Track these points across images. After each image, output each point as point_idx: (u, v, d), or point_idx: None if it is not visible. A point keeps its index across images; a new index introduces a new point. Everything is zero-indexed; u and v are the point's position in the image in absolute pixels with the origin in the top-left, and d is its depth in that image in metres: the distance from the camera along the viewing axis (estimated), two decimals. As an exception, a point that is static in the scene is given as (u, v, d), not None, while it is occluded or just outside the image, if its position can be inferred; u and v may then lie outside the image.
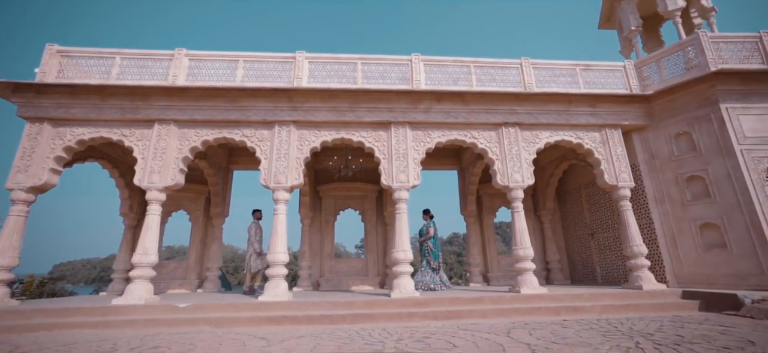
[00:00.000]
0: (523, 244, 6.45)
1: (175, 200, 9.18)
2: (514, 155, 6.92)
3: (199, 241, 9.04)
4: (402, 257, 6.17)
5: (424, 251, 7.66)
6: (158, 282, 8.40)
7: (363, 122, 6.88)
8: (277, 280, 5.95)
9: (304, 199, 9.18)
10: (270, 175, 6.42)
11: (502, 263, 9.53)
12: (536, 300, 5.73)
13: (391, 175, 6.61)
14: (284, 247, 6.16)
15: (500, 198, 10.01)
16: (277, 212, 6.32)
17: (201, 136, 6.57)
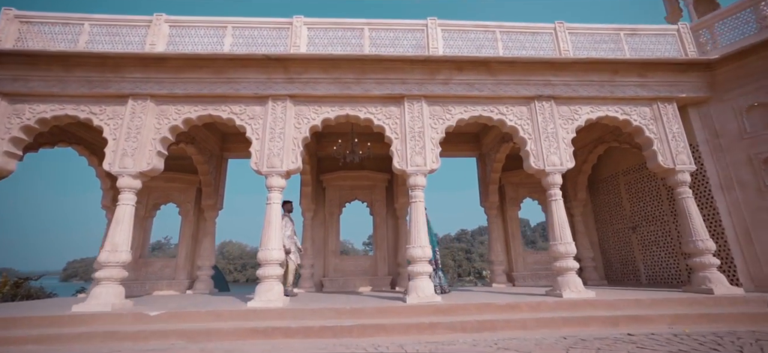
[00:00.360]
0: (564, 238, 5.39)
1: (164, 191, 8.30)
2: (550, 134, 5.84)
3: (189, 236, 8.14)
4: (419, 254, 5.16)
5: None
6: (143, 283, 7.54)
7: (371, 95, 5.86)
8: (269, 282, 4.99)
9: (306, 189, 8.21)
10: (262, 158, 5.45)
11: (528, 261, 8.47)
12: (584, 306, 4.68)
13: (405, 157, 5.59)
14: (279, 242, 5.20)
15: (525, 188, 8.93)
16: (270, 201, 5.36)
17: (182, 113, 5.62)
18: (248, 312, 4.51)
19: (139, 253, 7.91)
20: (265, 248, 5.09)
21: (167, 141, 5.62)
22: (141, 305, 5.22)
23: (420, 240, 5.25)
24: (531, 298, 5.06)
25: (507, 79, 6.01)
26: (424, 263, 5.22)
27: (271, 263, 5.06)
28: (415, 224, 5.35)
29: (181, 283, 7.75)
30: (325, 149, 8.60)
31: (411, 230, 5.36)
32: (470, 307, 4.62)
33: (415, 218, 5.38)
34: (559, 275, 5.34)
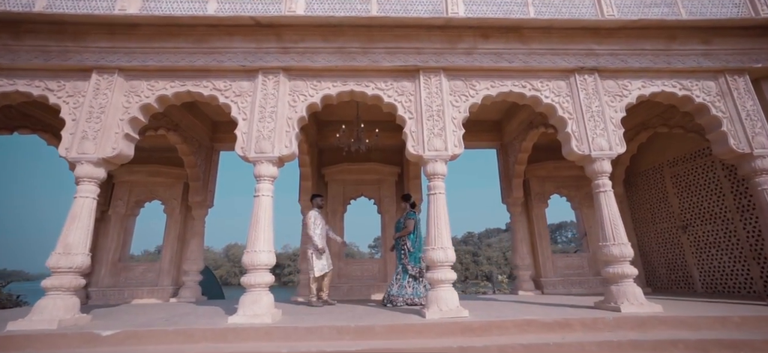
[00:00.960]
0: (618, 238, 4.38)
1: (147, 186, 7.43)
2: (596, 113, 4.85)
3: (175, 237, 7.25)
4: (441, 257, 4.19)
5: (400, 253, 5.60)
6: (122, 290, 6.66)
7: (380, 68, 4.93)
8: (256, 292, 4.05)
9: (306, 184, 7.28)
10: (250, 141, 4.54)
11: (558, 266, 7.42)
12: (655, 325, 3.66)
13: (421, 140, 4.63)
14: (269, 243, 4.27)
15: (552, 182, 7.91)
16: (258, 193, 4.43)
17: (156, 90, 4.73)
18: (227, 331, 3.57)
19: (119, 256, 7.03)
20: (251, 251, 4.16)
21: (138, 123, 4.72)
22: (101, 319, 4.31)
23: (441, 240, 4.28)
24: (582, 313, 4.04)
25: (542, 49, 5.03)
26: (447, 269, 4.24)
27: (258, 269, 4.13)
28: (434, 221, 4.38)
29: (164, 290, 6.85)
30: (328, 138, 7.67)
31: (429, 229, 4.39)
32: (508, 325, 3.63)
33: (434, 214, 4.41)
34: (613, 283, 4.33)
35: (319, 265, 5.49)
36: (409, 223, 5.63)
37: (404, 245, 5.56)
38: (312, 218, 5.65)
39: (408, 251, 5.52)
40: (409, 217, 5.67)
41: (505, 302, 5.57)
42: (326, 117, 7.64)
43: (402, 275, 5.44)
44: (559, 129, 4.99)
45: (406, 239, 5.57)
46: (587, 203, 7.74)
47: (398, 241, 5.66)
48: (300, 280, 7.02)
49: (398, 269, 5.53)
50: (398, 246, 5.66)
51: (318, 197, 5.95)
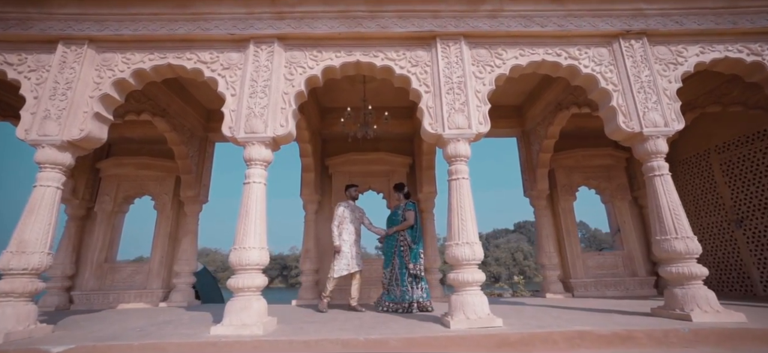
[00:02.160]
0: (681, 231, 3.61)
1: (136, 180, 6.83)
2: (646, 84, 4.09)
3: (166, 235, 6.63)
4: (467, 254, 3.47)
5: (398, 249, 4.85)
6: (107, 294, 6.05)
7: (391, 35, 4.23)
8: (246, 298, 3.38)
9: (308, 176, 6.61)
10: (239, 120, 3.88)
11: (589, 266, 6.63)
12: (745, 339, 2.90)
13: (440, 117, 3.93)
14: (261, 239, 3.60)
15: (581, 173, 7.12)
16: (249, 179, 3.76)
17: (133, 63, 4.09)
18: (206, 345, 2.89)
19: (105, 257, 6.43)
20: (239, 247, 3.49)
21: (112, 102, 4.09)
22: (66, 329, 3.67)
23: (466, 234, 3.56)
24: (644, 323, 3.28)
25: (579, 10, 4.29)
26: (474, 268, 3.52)
27: (248, 269, 3.45)
28: (457, 211, 3.67)
29: (153, 294, 6.23)
30: (331, 126, 7.00)
31: (451, 221, 3.67)
32: (556, 338, 2.89)
33: (458, 203, 3.69)
34: (677, 285, 3.56)
35: (337, 266, 4.82)
36: (408, 215, 4.90)
37: (404, 240, 4.83)
38: (337, 211, 5.05)
39: (409, 246, 4.80)
40: (409, 208, 4.97)
41: (536, 307, 4.82)
42: (330, 103, 6.98)
43: (400, 274, 4.71)
44: (601, 105, 4.24)
45: (405, 233, 4.86)
46: (619, 196, 6.95)
47: (394, 237, 4.91)
48: (303, 282, 6.34)
49: (395, 268, 4.77)
50: (394, 242, 4.89)
51: (351, 188, 5.30)
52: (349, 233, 4.95)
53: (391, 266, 4.79)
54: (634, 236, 6.68)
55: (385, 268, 4.86)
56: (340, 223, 4.97)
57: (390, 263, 4.82)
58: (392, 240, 4.90)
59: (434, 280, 6.40)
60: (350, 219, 5.04)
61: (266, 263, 3.59)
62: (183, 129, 6.33)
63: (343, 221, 4.99)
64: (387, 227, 5.09)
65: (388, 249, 4.91)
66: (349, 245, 4.89)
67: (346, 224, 4.99)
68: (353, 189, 5.30)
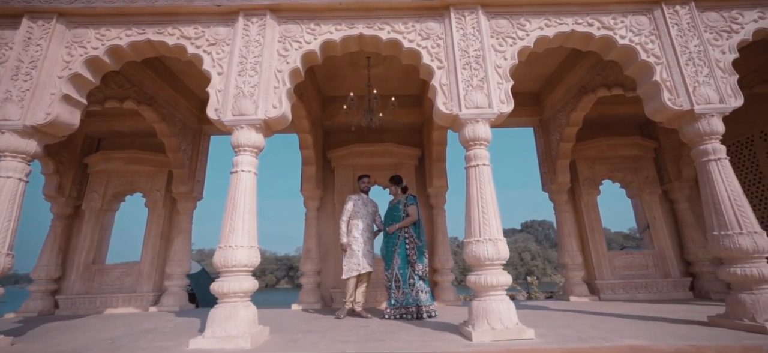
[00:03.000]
0: (746, 223, 3.07)
1: (126, 176, 6.41)
2: (695, 55, 3.54)
3: (157, 234, 6.19)
4: (490, 252, 2.95)
5: (401, 248, 4.27)
6: (94, 298, 5.63)
7: (398, 5, 3.73)
8: (231, 305, 2.89)
9: (308, 170, 6.11)
10: (226, 101, 3.40)
11: (616, 266, 6.05)
12: (842, 355, 2.32)
13: (456, 95, 3.41)
14: (250, 236, 3.11)
15: (605, 164, 6.54)
16: (236, 168, 3.29)
17: (108, 40, 3.63)
18: (179, 364, 2.41)
19: (93, 258, 6.01)
20: (224, 246, 3.01)
21: (85, 84, 3.63)
22: (29, 342, 3.22)
23: (489, 229, 3.04)
24: (709, 335, 2.73)
25: (615, -27, 3.73)
26: (499, 270, 3.00)
27: (234, 271, 2.97)
28: (477, 202, 3.14)
29: (143, 297, 5.79)
30: (334, 116, 6.50)
31: (470, 214, 3.15)
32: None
33: (478, 193, 3.17)
34: (743, 290, 3.00)
35: (347, 266, 4.33)
36: (411, 210, 4.36)
37: (410, 238, 4.29)
38: (346, 205, 4.54)
39: (415, 244, 4.27)
40: (410, 203, 4.43)
41: (564, 312, 4.27)
42: (332, 91, 6.48)
43: (402, 275, 4.16)
44: (641, 81, 3.69)
45: (410, 230, 4.33)
46: (648, 189, 6.35)
47: (395, 234, 4.33)
48: (303, 285, 5.85)
49: (395, 268, 4.21)
50: (395, 240, 4.31)
51: (363, 179, 4.79)
52: (360, 230, 4.41)
53: (392, 267, 4.24)
54: (665, 233, 6.08)
55: (387, 270, 4.29)
56: (349, 218, 4.47)
57: (391, 264, 4.25)
58: (393, 238, 4.33)
59: (446, 282, 5.87)
60: (361, 214, 4.50)
61: (256, 263, 3.10)
62: (174, 120, 5.88)
63: (353, 216, 4.47)
64: (386, 223, 4.51)
65: (388, 248, 4.34)
66: (359, 243, 4.35)
67: (356, 220, 4.45)
68: (365, 180, 4.76)
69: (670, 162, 6.30)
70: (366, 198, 4.68)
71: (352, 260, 4.28)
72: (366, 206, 4.58)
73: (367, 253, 4.35)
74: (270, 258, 68.39)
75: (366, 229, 4.45)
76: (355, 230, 4.40)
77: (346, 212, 4.47)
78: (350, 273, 4.25)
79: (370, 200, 4.72)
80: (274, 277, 64.09)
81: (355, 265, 4.26)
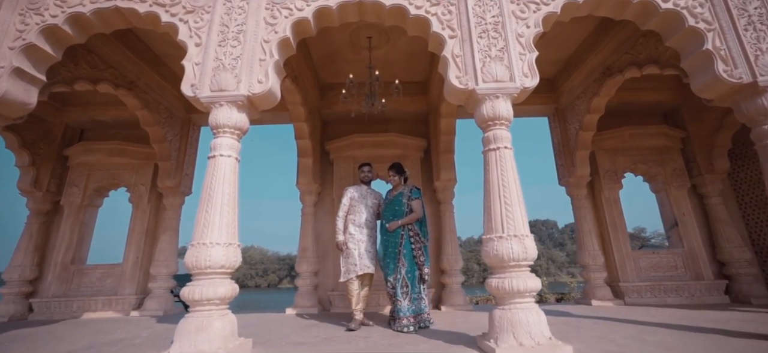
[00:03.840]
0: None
1: (109, 169, 5.95)
2: (756, 18, 3.03)
3: (141, 232, 5.72)
4: (516, 251, 2.45)
5: (406, 248, 3.64)
6: (70, 301, 5.16)
7: (403, -36, 3.21)
8: (204, 315, 2.42)
9: (305, 162, 5.62)
10: (204, 75, 2.92)
11: (641, 267, 5.52)
12: None
13: (471, 67, 2.92)
14: (229, 233, 2.63)
15: (627, 156, 6.01)
16: (214, 152, 2.81)
17: (68, 6, 3.16)
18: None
19: (72, 257, 5.55)
20: (197, 243, 2.53)
21: (43, 57, 3.16)
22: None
23: (513, 223, 2.54)
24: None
25: (655, -73, 3.21)
26: (526, 272, 2.50)
27: (208, 273, 2.48)
28: (499, 192, 2.65)
29: (125, 300, 5.32)
30: (332, 105, 6.01)
31: (491, 206, 2.66)
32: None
33: (499, 181, 2.67)
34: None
35: (344, 267, 3.76)
36: (416, 205, 3.76)
37: (415, 237, 3.68)
38: (343, 198, 3.96)
39: (422, 245, 3.69)
40: (415, 196, 3.83)
41: (593, 320, 3.76)
42: (330, 77, 5.99)
43: (410, 280, 3.58)
44: (687, 52, 3.18)
45: (415, 228, 3.72)
46: (676, 183, 5.82)
47: (397, 233, 3.68)
48: (299, 287, 5.36)
49: (401, 272, 3.57)
50: (398, 239, 3.66)
51: (364, 167, 4.18)
52: (359, 226, 3.83)
53: (397, 270, 3.58)
54: (695, 232, 5.54)
55: (390, 274, 3.60)
56: (346, 212, 3.90)
57: (395, 266, 3.59)
58: (394, 237, 3.68)
59: (455, 284, 5.35)
60: (361, 208, 3.91)
61: (235, 264, 2.61)
62: (159, 108, 5.41)
63: (352, 211, 3.89)
64: (386, 218, 3.85)
65: (391, 249, 3.67)
66: (356, 240, 3.76)
67: (355, 214, 3.88)
68: (366, 169, 4.16)
69: (700, 153, 5.76)
70: (366, 190, 4.08)
71: (349, 261, 3.71)
72: (366, 199, 3.98)
73: (367, 252, 3.75)
74: (272, 258, 68.12)
75: (366, 225, 3.86)
76: (352, 227, 3.82)
77: (343, 206, 3.91)
78: (348, 275, 3.68)
79: (371, 191, 4.12)
80: (276, 277, 63.82)
81: (353, 266, 3.67)
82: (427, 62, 5.69)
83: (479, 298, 11.04)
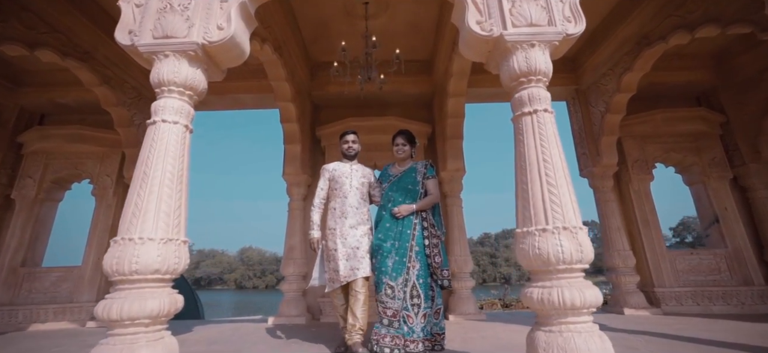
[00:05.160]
0: None
1: (70, 158, 5.24)
2: None
3: (105, 230, 5.00)
4: (566, 249, 1.75)
5: (420, 242, 2.70)
6: (15, 310, 4.43)
7: None
8: (125, 341, 1.69)
9: (292, 149, 4.90)
10: (145, 16, 2.24)
11: (679, 269, 4.81)
12: None
13: (497, 7, 2.23)
14: (168, 222, 1.91)
15: (659, 144, 5.33)
16: (155, 116, 2.10)
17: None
18: None
19: (23, 259, 4.82)
20: (124, 238, 1.81)
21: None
22: None
23: (561, 211, 1.85)
24: None
25: None
26: (580, 280, 1.79)
27: (135, 281, 1.77)
28: (539, 169, 1.95)
29: (82, 308, 4.60)
30: (324, 86, 5.31)
31: (527, 189, 1.95)
32: None
33: (538, 156, 1.98)
34: None
35: (316, 273, 2.82)
36: (432, 185, 2.82)
37: (429, 227, 2.73)
38: (320, 180, 2.97)
39: (440, 240, 2.74)
40: (430, 174, 2.87)
41: (645, 337, 3.05)
42: (322, 55, 5.28)
43: (424, 287, 2.60)
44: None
45: (429, 216, 2.78)
46: (715, 174, 5.12)
47: (405, 222, 2.70)
48: (284, 292, 4.64)
49: (418, 276, 2.61)
50: (409, 231, 2.67)
51: (346, 137, 3.02)
52: (342, 215, 2.76)
53: (405, 272, 2.58)
54: (739, 230, 4.84)
55: (392, 278, 2.56)
56: (325, 199, 2.93)
57: (403, 267, 2.58)
58: (405, 227, 2.66)
59: (465, 290, 4.65)
60: (346, 190, 2.82)
61: (178, 268, 1.91)
62: (124, 86, 4.70)
63: (333, 196, 2.87)
64: (392, 200, 2.80)
65: (398, 242, 2.64)
66: (340, 235, 2.69)
67: (337, 200, 2.83)
68: (351, 139, 2.99)
69: (742, 140, 5.06)
70: (351, 168, 2.94)
71: (330, 264, 2.72)
72: (350, 178, 2.88)
73: (352, 252, 2.67)
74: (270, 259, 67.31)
75: (352, 211, 2.77)
76: (332, 219, 2.79)
77: (320, 192, 2.91)
78: (317, 282, 2.80)
79: (358, 167, 2.98)
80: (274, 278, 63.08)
81: (335, 273, 2.67)
82: (432, 36, 5.00)
83: (483, 302, 10.39)
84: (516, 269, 57.10)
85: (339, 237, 2.70)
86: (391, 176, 2.96)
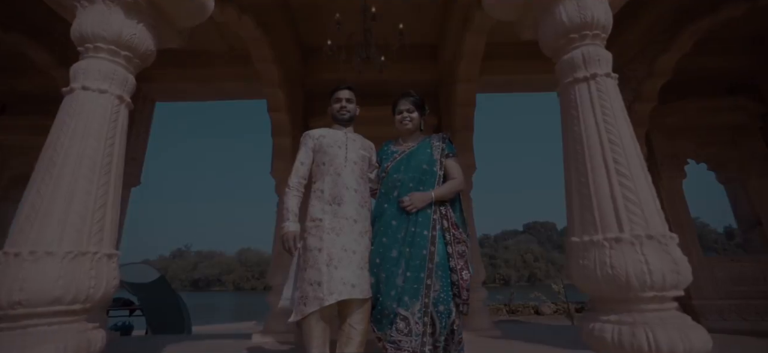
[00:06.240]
0: None
1: (32, 153, 4.57)
2: None
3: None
4: (656, 269, 1.20)
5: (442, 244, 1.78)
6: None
7: None
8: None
9: (281, 142, 4.33)
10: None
11: (719, 278, 4.23)
12: None
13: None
14: (82, 228, 1.33)
15: (690, 137, 4.74)
16: (75, 82, 1.54)
17: None
18: None
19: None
20: (12, 252, 1.23)
21: None
22: None
23: (641, 213, 1.30)
24: None
25: None
26: (674, 315, 1.22)
27: (18, 317, 1.18)
28: (599, 153, 1.40)
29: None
30: (318, 73, 4.76)
31: (590, 181, 1.38)
32: None
33: (600, 134, 1.43)
34: None
35: (286, 292, 1.88)
36: (452, 166, 1.97)
37: (449, 225, 1.83)
38: (300, 149, 2.01)
39: (467, 244, 1.87)
40: (449, 152, 2.00)
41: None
42: (315, 38, 4.70)
43: (442, 316, 1.68)
44: None
45: (449, 211, 1.88)
46: (756, 171, 4.55)
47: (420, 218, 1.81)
48: (271, 306, 4.07)
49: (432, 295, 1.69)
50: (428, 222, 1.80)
51: (339, 93, 2.11)
52: (333, 201, 1.84)
53: (423, 293, 1.70)
54: (786, 230, 4.28)
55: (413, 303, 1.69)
56: (305, 177, 1.97)
57: (420, 285, 1.70)
58: (419, 224, 1.80)
59: (478, 301, 4.07)
60: (339, 166, 1.91)
61: (96, 296, 1.34)
62: (88, 70, 4.11)
63: (318, 173, 1.94)
64: (399, 186, 1.90)
65: (412, 248, 1.76)
66: (329, 230, 1.77)
67: (324, 179, 1.90)
68: (345, 96, 2.11)
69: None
70: (346, 135, 2.04)
71: (309, 273, 1.73)
72: (345, 149, 1.96)
73: (347, 254, 1.74)
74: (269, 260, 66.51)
75: (349, 197, 1.86)
76: (318, 204, 1.85)
77: (300, 166, 1.96)
78: (306, 309, 1.69)
79: (356, 137, 2.10)
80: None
81: (316, 287, 1.68)
82: (438, 16, 4.45)
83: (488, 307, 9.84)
84: (515, 270, 56.61)
85: (327, 232, 1.75)
86: (395, 152, 2.03)
